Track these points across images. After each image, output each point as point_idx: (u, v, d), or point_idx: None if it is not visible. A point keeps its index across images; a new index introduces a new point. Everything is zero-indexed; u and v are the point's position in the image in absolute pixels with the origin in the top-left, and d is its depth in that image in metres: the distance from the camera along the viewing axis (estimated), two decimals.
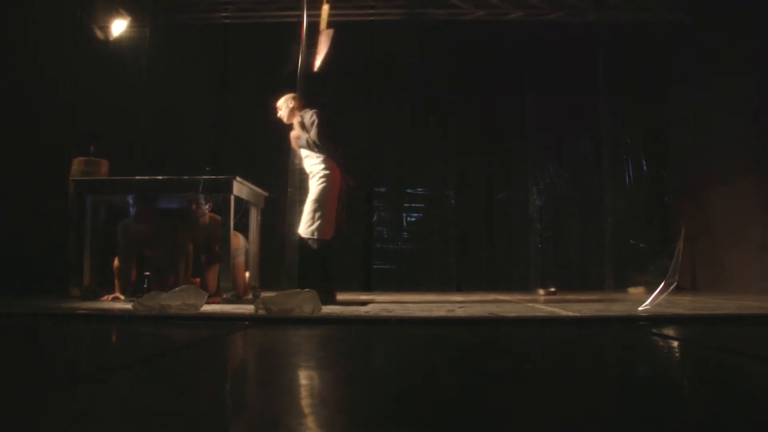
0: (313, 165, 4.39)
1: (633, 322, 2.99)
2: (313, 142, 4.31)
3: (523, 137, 7.58)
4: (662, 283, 3.38)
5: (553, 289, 5.95)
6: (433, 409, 1.19)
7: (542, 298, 5.22)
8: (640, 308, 3.33)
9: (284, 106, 4.61)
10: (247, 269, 4.81)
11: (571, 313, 3.27)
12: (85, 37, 6.08)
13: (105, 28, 6.59)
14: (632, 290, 5.85)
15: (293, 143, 4.49)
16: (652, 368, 1.80)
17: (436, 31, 7.30)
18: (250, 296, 4.64)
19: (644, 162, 7.36)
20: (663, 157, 7.45)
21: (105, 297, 4.38)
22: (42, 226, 5.12)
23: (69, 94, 5.54)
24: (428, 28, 7.21)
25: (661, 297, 3.37)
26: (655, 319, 2.96)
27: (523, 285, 6.99)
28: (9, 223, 4.82)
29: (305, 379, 1.60)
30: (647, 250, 6.80)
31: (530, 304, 4.07)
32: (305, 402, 1.27)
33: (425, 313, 3.32)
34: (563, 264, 7.46)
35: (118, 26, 6.69)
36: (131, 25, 6.69)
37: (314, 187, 4.34)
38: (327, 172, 4.34)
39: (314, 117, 4.38)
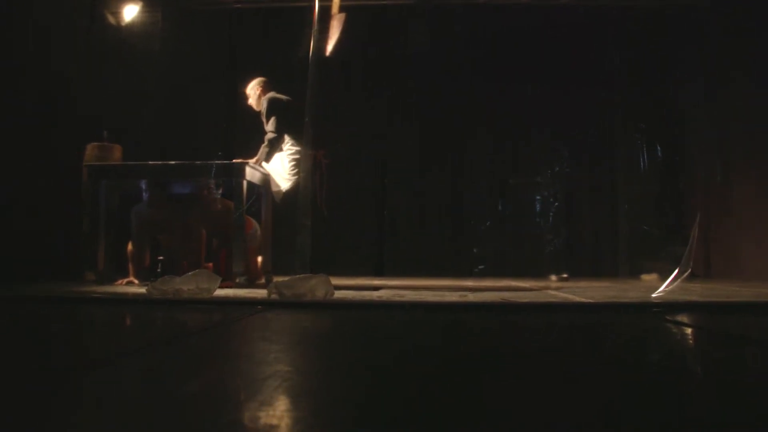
0: (285, 146, 4.53)
1: (646, 308, 2.97)
2: (271, 132, 4.42)
3: (535, 123, 7.53)
4: (676, 270, 3.36)
5: (565, 276, 5.93)
6: (437, 400, 1.18)
7: (554, 284, 5.20)
8: (653, 295, 3.31)
9: (252, 93, 4.65)
10: (259, 254, 4.83)
11: (584, 300, 3.26)
12: (96, 25, 6.08)
13: (117, 14, 6.59)
14: (645, 277, 5.82)
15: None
16: (664, 356, 1.79)
17: (447, 16, 7.23)
18: (263, 280, 4.66)
19: (659, 148, 7.29)
20: (677, 143, 7.38)
21: (119, 281, 4.41)
22: (55, 213, 5.15)
23: (80, 83, 5.55)
24: (439, 13, 7.15)
25: (675, 284, 3.35)
26: (669, 306, 2.94)
27: (536, 271, 6.97)
28: (23, 212, 4.86)
29: (313, 365, 1.60)
30: (661, 236, 6.75)
31: (543, 290, 4.07)
32: (309, 390, 1.28)
33: (437, 298, 3.32)
34: (576, 250, 7.43)
35: (130, 12, 6.69)
36: (143, 11, 6.68)
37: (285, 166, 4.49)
38: (295, 155, 4.45)
39: (265, 105, 4.45)
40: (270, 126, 4.49)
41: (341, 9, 5.79)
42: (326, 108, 5.38)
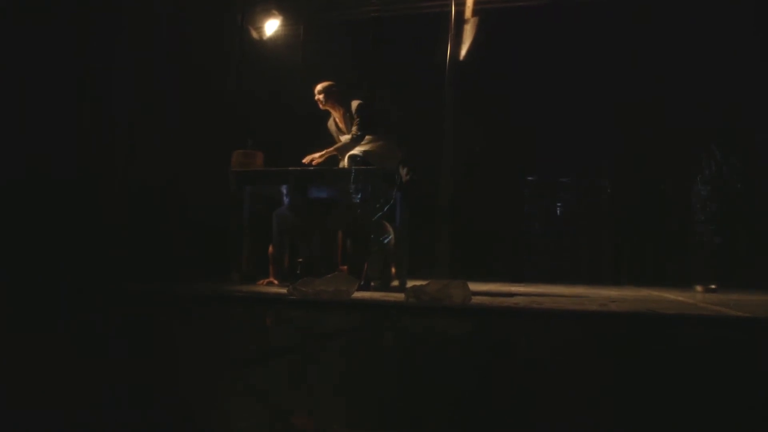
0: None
1: None
2: (356, 134, 4.64)
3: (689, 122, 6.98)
4: None
5: (713, 287, 5.44)
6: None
7: (700, 295, 4.79)
8: None
9: (323, 93, 4.78)
10: (393, 258, 4.86)
11: (741, 314, 2.97)
12: (245, 39, 6.45)
13: (260, 29, 6.96)
14: None
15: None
16: None
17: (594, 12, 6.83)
18: (396, 284, 4.69)
19: None
20: None
21: (261, 281, 4.61)
22: (206, 214, 5.51)
23: (231, 91, 5.92)
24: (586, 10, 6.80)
25: None
26: None
27: (681, 282, 6.47)
28: (177, 213, 5.25)
29: (457, 372, 1.57)
30: None
31: (690, 302, 3.76)
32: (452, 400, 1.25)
33: (577, 307, 3.17)
34: (726, 260, 6.82)
35: (272, 26, 7.04)
36: (284, 24, 7.00)
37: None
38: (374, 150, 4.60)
39: (355, 107, 4.60)
40: (356, 128, 4.66)
41: (474, 13, 5.72)
42: (463, 112, 5.32)
